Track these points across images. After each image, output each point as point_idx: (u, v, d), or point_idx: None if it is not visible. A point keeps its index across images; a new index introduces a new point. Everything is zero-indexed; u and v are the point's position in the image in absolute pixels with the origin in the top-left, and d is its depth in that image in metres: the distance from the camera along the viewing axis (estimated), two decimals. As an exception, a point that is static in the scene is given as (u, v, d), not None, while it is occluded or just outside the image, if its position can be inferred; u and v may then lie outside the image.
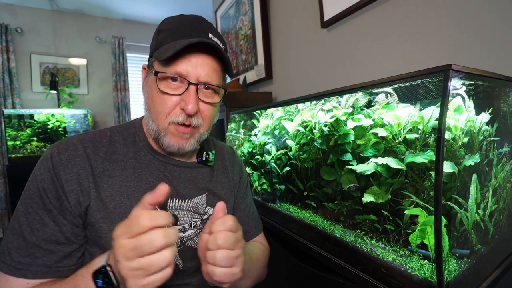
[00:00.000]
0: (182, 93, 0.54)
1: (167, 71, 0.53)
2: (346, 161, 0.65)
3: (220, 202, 0.48)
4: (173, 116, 0.54)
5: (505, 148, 0.57)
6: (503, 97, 0.59)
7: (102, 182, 0.53)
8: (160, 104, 0.54)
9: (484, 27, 0.76)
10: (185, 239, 0.59)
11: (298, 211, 0.84)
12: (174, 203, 0.59)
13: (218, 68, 0.57)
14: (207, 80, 0.54)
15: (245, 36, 2.02)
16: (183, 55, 0.52)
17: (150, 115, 0.56)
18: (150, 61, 0.58)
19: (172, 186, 0.59)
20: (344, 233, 0.65)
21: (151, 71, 0.56)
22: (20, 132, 2.74)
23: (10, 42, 3.07)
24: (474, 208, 0.49)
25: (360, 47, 1.15)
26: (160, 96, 0.54)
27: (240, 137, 1.23)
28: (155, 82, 0.54)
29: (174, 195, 0.59)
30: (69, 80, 3.45)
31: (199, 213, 0.62)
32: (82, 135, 0.57)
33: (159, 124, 0.55)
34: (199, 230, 0.61)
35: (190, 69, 0.53)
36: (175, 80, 0.54)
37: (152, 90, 0.56)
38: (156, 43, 0.56)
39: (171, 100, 0.54)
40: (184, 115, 0.54)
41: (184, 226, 0.59)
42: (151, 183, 0.57)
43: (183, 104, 0.53)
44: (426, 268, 0.47)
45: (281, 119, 0.95)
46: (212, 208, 0.64)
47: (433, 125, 0.49)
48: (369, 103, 0.63)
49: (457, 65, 0.43)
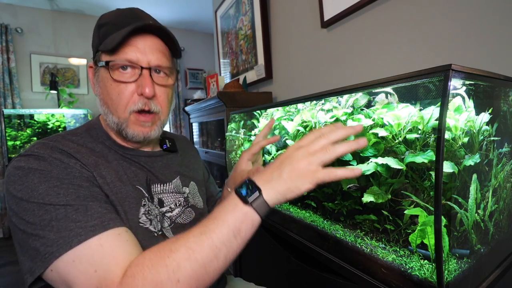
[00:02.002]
0: (137, 79, 0.54)
1: (117, 59, 0.53)
2: (346, 161, 0.65)
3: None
4: (132, 104, 0.55)
5: (505, 148, 0.57)
6: (503, 97, 0.59)
7: (101, 170, 0.52)
8: (116, 95, 0.54)
9: (484, 27, 0.76)
10: (174, 217, 0.61)
11: (298, 211, 0.84)
12: (157, 188, 0.61)
13: (166, 51, 0.58)
14: (158, 63, 0.55)
15: (245, 36, 2.02)
16: (129, 43, 0.53)
17: (109, 108, 0.56)
18: (96, 57, 0.57)
19: (150, 173, 0.61)
20: (344, 233, 0.65)
21: (100, 64, 0.55)
22: (20, 132, 2.74)
23: (10, 42, 3.07)
24: (474, 208, 0.49)
25: (360, 47, 1.15)
26: (115, 87, 0.54)
27: (240, 137, 1.23)
28: (107, 72, 0.53)
29: (154, 181, 0.61)
30: (69, 80, 3.45)
31: (180, 193, 0.65)
32: (54, 137, 0.53)
33: (120, 116, 0.55)
34: (184, 208, 0.65)
35: (139, 55, 0.53)
36: (125, 68, 0.54)
37: (105, 83, 0.55)
38: (99, 38, 0.55)
39: (127, 89, 0.54)
40: (143, 100, 0.55)
41: (170, 207, 0.62)
42: (134, 171, 0.58)
43: (140, 89, 0.54)
44: (426, 268, 0.47)
45: (281, 119, 0.95)
46: (187, 187, 0.68)
47: (433, 125, 0.49)
48: (369, 103, 0.63)
49: (457, 65, 0.43)
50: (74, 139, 0.55)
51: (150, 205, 0.57)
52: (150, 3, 3.34)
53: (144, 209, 0.55)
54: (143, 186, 0.58)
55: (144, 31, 0.55)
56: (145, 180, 0.59)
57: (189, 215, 0.65)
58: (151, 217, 0.56)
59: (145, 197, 0.57)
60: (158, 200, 0.60)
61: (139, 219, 0.53)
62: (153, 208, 0.57)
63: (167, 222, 0.60)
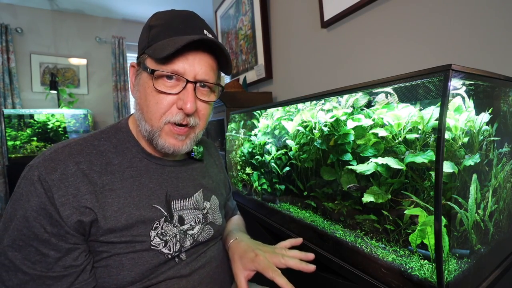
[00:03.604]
0: (180, 91, 0.52)
1: (164, 69, 0.50)
2: (346, 161, 0.65)
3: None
4: (169, 115, 0.52)
5: (505, 148, 0.57)
6: (503, 97, 0.59)
7: (106, 198, 0.50)
8: (154, 103, 0.52)
9: (484, 27, 0.76)
10: (195, 235, 0.60)
11: (298, 211, 0.84)
12: (177, 204, 0.59)
13: (215, 66, 0.56)
14: (205, 78, 0.53)
15: (245, 36, 2.02)
16: (180, 53, 0.50)
17: (143, 115, 0.54)
18: (141, 58, 0.54)
19: (172, 187, 0.59)
20: (344, 233, 0.65)
21: (144, 69, 0.53)
22: (20, 132, 2.74)
23: (10, 42, 3.07)
24: (474, 208, 0.49)
25: (360, 47, 1.15)
26: (155, 95, 0.51)
27: (240, 137, 1.23)
28: (151, 80, 0.51)
29: (176, 196, 0.59)
30: (69, 80, 3.46)
31: (199, 209, 0.63)
32: (68, 148, 0.50)
33: (153, 124, 0.53)
34: (203, 225, 0.62)
35: (187, 67, 0.51)
36: (170, 78, 0.51)
37: (146, 89, 0.53)
38: (149, 40, 0.52)
39: (167, 99, 0.52)
40: (182, 114, 0.52)
41: (191, 224, 0.60)
42: (152, 189, 0.56)
43: (181, 103, 0.51)
44: (426, 268, 0.47)
45: (281, 119, 0.95)
46: (208, 202, 0.66)
47: (433, 125, 0.49)
48: (369, 103, 0.63)
49: (457, 65, 0.43)
50: (96, 143, 0.54)
51: (166, 225, 0.55)
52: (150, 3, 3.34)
53: (155, 232, 0.53)
54: (162, 204, 0.56)
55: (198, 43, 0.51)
56: (165, 197, 0.57)
57: (209, 232, 0.63)
58: (166, 238, 0.54)
59: (163, 216, 0.55)
60: (178, 217, 0.58)
61: (151, 242, 0.52)
62: (171, 228, 0.56)
63: (189, 241, 0.58)
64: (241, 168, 1.20)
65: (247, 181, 1.16)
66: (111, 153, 0.54)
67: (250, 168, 1.13)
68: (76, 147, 0.51)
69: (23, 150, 2.74)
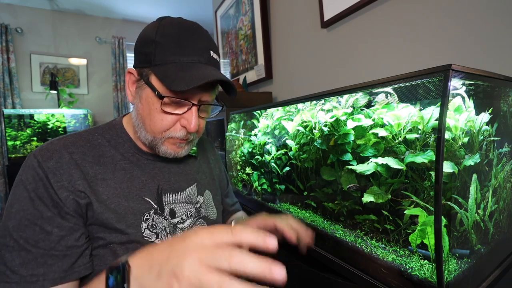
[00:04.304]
0: (184, 112, 0.54)
1: (173, 95, 0.52)
2: (346, 161, 0.65)
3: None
4: (173, 132, 0.55)
5: (505, 148, 0.57)
6: (503, 97, 0.59)
7: (97, 186, 0.52)
8: (159, 120, 0.54)
9: (484, 27, 0.76)
10: (186, 229, 0.61)
11: (298, 211, 0.84)
12: (169, 198, 0.60)
13: (216, 85, 0.59)
14: (208, 100, 0.57)
15: (245, 36, 2.02)
16: None
17: (144, 126, 0.56)
18: (142, 71, 0.54)
19: (164, 181, 0.61)
20: (344, 233, 0.65)
21: (149, 86, 0.53)
22: (20, 132, 2.74)
23: (10, 42, 3.07)
24: (474, 208, 0.49)
25: (360, 47, 1.15)
26: (160, 113, 0.54)
27: (240, 137, 1.23)
28: (158, 102, 0.52)
29: (168, 190, 0.61)
30: (69, 80, 3.46)
31: (192, 203, 0.65)
32: (63, 140, 0.54)
33: (156, 136, 0.56)
34: (195, 219, 0.64)
35: (194, 91, 0.53)
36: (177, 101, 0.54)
37: (150, 105, 0.54)
38: (154, 57, 0.52)
39: (172, 118, 0.54)
40: (185, 131, 0.56)
41: (182, 218, 0.61)
42: (144, 181, 0.58)
43: (185, 122, 0.55)
44: (426, 268, 0.47)
45: (281, 119, 0.95)
46: (202, 196, 0.67)
47: (433, 125, 0.49)
48: (369, 103, 0.63)
49: (457, 65, 0.43)
50: (90, 138, 0.57)
51: (156, 217, 0.56)
52: (150, 3, 3.34)
53: (146, 224, 0.55)
54: (153, 197, 0.58)
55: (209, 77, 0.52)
56: (156, 190, 0.59)
57: (201, 226, 0.64)
58: (156, 231, 0.55)
59: (153, 208, 0.57)
60: (169, 210, 0.59)
61: (142, 233, 0.54)
62: (161, 220, 0.57)
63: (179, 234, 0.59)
64: (241, 168, 1.20)
65: (247, 181, 1.16)
66: (104, 147, 0.57)
67: (250, 168, 1.13)
68: (71, 139, 0.55)
69: (23, 150, 2.74)
